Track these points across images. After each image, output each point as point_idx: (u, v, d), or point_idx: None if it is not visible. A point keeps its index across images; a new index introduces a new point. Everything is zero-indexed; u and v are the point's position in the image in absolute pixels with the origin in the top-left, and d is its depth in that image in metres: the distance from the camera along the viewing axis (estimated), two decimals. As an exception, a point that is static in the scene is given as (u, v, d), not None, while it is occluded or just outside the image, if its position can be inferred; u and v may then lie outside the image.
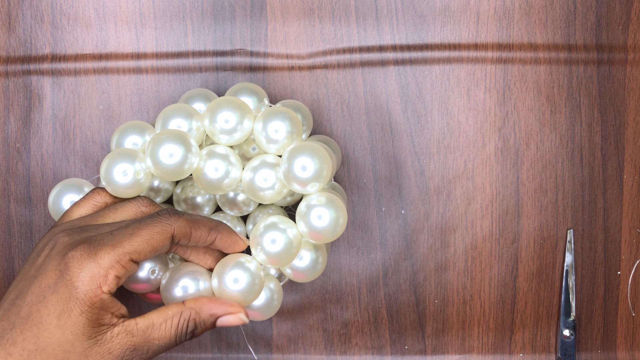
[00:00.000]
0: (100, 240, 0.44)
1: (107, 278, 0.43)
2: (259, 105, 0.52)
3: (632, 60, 0.57)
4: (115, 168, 0.49)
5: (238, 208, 0.53)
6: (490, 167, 0.58)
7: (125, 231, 0.45)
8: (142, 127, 0.52)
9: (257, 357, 0.59)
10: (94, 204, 0.49)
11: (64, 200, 0.52)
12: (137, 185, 0.49)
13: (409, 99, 0.58)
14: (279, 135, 0.49)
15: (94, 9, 0.57)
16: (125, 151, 0.50)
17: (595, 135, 0.58)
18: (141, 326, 0.45)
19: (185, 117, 0.50)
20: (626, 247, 0.58)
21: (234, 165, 0.50)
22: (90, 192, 0.50)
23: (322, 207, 0.48)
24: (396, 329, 0.59)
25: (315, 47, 0.57)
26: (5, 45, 0.58)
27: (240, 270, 0.48)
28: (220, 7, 0.57)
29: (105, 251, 0.43)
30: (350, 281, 0.59)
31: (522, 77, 0.57)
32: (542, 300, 0.59)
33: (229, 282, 0.48)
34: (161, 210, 0.47)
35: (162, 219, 0.46)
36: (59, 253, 0.44)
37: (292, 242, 0.48)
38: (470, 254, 0.58)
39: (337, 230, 0.49)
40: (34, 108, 0.58)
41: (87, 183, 0.53)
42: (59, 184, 0.53)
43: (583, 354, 0.59)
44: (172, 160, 0.48)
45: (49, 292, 0.43)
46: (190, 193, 0.54)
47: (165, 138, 0.48)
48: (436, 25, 0.57)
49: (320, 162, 0.48)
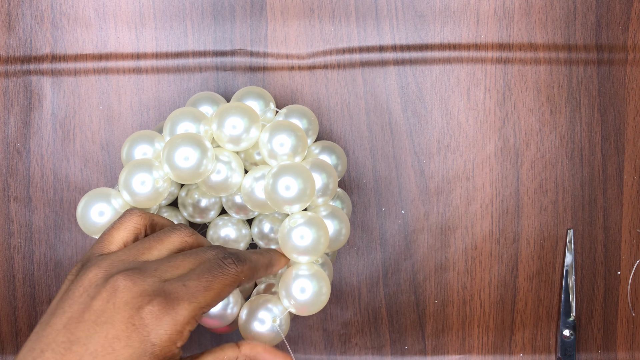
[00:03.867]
0: (175, 293, 0.43)
1: (183, 334, 0.43)
2: (265, 109, 0.53)
3: (632, 60, 0.57)
4: (134, 179, 0.49)
5: (244, 212, 0.54)
6: (490, 167, 0.58)
7: (199, 284, 0.43)
8: (151, 136, 0.52)
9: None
10: (135, 227, 0.48)
11: (92, 211, 0.50)
12: (156, 193, 0.49)
13: (409, 99, 0.58)
14: (283, 149, 0.50)
15: (94, 9, 0.57)
16: (141, 162, 0.50)
17: (595, 135, 0.58)
18: None
19: (193, 120, 0.51)
20: (626, 247, 0.58)
21: (234, 171, 0.51)
22: (127, 214, 0.48)
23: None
24: (396, 329, 0.59)
25: (315, 47, 0.57)
26: (5, 45, 0.58)
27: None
28: (220, 7, 0.57)
29: (183, 307, 0.42)
30: (350, 281, 0.59)
31: (522, 77, 0.57)
32: (542, 300, 0.59)
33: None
34: (225, 257, 0.46)
35: (230, 270, 0.45)
36: (128, 304, 0.42)
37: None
38: (470, 254, 0.58)
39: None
40: (34, 108, 0.58)
41: (114, 191, 0.52)
42: (85, 195, 0.51)
43: (583, 354, 0.59)
44: (187, 163, 0.48)
45: (120, 345, 0.41)
46: (196, 196, 0.54)
47: (180, 142, 0.48)
48: (436, 25, 0.57)
49: (304, 182, 0.49)
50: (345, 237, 0.52)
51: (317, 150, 0.54)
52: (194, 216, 0.54)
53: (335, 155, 0.54)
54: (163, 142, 0.52)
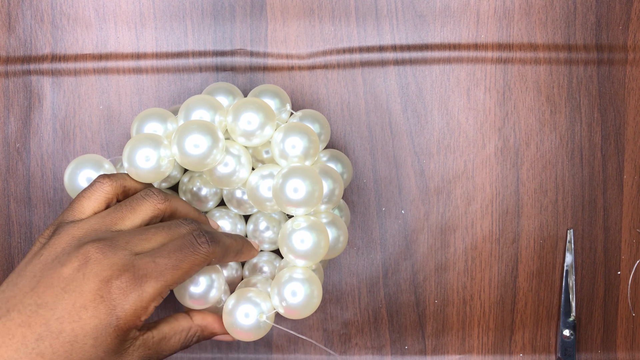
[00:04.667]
0: (144, 270, 0.44)
1: (147, 309, 0.44)
2: (281, 109, 0.52)
3: (632, 60, 0.57)
4: (139, 152, 0.48)
5: (243, 208, 0.54)
6: (490, 167, 0.58)
7: (168, 262, 0.44)
8: (164, 115, 0.51)
9: (257, 357, 0.59)
10: (106, 197, 0.48)
11: (80, 177, 0.51)
12: (158, 172, 0.49)
13: (409, 99, 0.58)
14: (294, 152, 0.49)
15: (94, 9, 0.57)
16: (149, 137, 0.49)
17: (595, 135, 0.58)
18: (156, 339, 0.46)
19: (209, 109, 0.50)
20: (626, 247, 0.58)
21: (243, 166, 0.50)
22: (97, 181, 0.48)
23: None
24: (396, 329, 0.59)
25: (315, 47, 0.57)
26: (5, 45, 0.58)
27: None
28: (220, 7, 0.57)
29: (150, 284, 0.43)
30: (350, 281, 0.59)
31: (522, 77, 0.57)
32: (542, 300, 0.59)
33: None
34: (199, 235, 0.46)
35: (202, 249, 0.46)
36: (97, 276, 0.43)
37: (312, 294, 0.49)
38: (470, 254, 0.58)
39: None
40: (34, 108, 0.58)
41: (106, 160, 0.52)
42: (74, 160, 0.51)
43: (583, 354, 0.59)
44: (197, 150, 0.48)
45: (86, 314, 0.42)
46: (198, 184, 0.53)
47: (194, 128, 0.48)
48: (436, 25, 0.57)
49: (312, 185, 0.48)
50: (343, 246, 0.51)
51: (324, 158, 0.54)
52: (192, 203, 0.54)
53: (341, 164, 0.54)
54: (176, 123, 0.51)
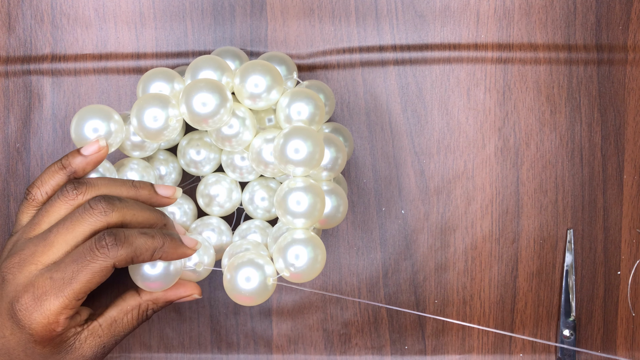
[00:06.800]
0: (42, 288, 0.44)
1: (59, 322, 0.44)
2: (288, 76, 0.53)
3: (632, 60, 0.57)
4: (147, 112, 0.48)
5: (240, 173, 0.53)
6: (490, 167, 0.58)
7: (64, 276, 0.44)
8: (170, 75, 0.51)
9: (257, 357, 0.59)
10: (35, 207, 0.48)
11: (86, 127, 0.49)
12: (163, 132, 0.49)
13: (409, 99, 0.58)
14: (299, 117, 0.49)
15: (94, 9, 0.57)
16: (158, 96, 0.49)
17: (595, 135, 0.58)
18: (105, 326, 0.47)
19: (216, 69, 0.50)
20: (626, 247, 0.58)
21: (247, 128, 0.50)
22: (25, 196, 0.48)
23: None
24: (396, 329, 0.59)
25: (315, 47, 0.57)
26: (5, 45, 0.58)
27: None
28: (220, 7, 0.57)
29: (50, 302, 0.44)
30: (350, 281, 0.59)
31: (522, 77, 0.57)
32: (542, 300, 0.59)
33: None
34: (100, 239, 0.44)
35: (101, 256, 0.44)
36: (7, 297, 0.45)
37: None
38: (470, 254, 0.58)
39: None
40: (34, 108, 0.58)
41: (114, 111, 0.50)
42: (80, 110, 0.50)
43: (583, 354, 0.59)
44: (205, 109, 0.48)
45: (7, 332, 0.44)
46: (197, 146, 0.53)
47: (202, 86, 0.48)
48: (436, 25, 0.57)
49: (314, 146, 0.48)
50: (342, 216, 0.51)
51: (327, 130, 0.54)
52: (189, 166, 0.54)
53: (343, 137, 0.54)
54: (182, 84, 0.51)
